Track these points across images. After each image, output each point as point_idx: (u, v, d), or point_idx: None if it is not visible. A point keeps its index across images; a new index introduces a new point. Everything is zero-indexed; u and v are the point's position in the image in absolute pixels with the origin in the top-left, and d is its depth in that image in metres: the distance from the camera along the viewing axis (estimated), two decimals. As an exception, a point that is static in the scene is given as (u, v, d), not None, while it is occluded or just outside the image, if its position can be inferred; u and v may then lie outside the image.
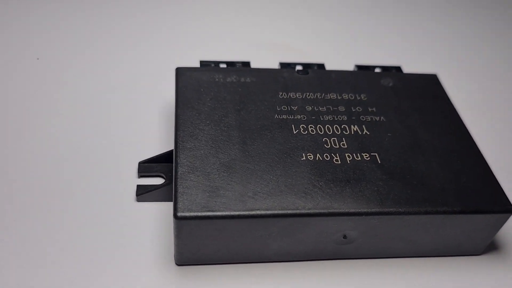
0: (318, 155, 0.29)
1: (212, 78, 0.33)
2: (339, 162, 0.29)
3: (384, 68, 0.37)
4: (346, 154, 0.29)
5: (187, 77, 0.33)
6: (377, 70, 0.37)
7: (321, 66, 0.36)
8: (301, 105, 0.32)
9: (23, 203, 0.30)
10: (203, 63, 0.35)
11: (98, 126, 0.35)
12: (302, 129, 0.30)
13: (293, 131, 0.30)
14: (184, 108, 0.30)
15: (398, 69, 0.37)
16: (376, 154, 0.29)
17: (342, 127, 0.31)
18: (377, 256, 0.29)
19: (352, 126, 0.31)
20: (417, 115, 0.32)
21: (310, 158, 0.29)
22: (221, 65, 0.35)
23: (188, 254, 0.27)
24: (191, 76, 0.33)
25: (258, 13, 0.50)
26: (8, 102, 0.36)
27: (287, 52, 0.45)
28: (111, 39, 0.44)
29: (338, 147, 0.29)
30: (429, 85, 0.35)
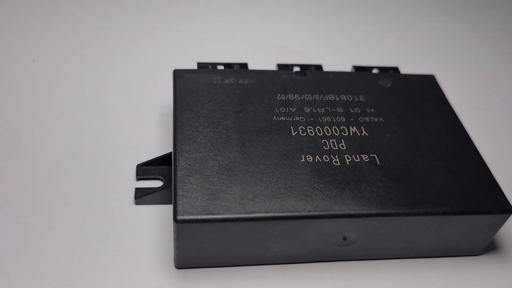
0: (317, 157, 0.29)
1: (210, 80, 0.33)
2: (339, 164, 0.29)
3: (382, 69, 0.37)
4: (345, 156, 0.29)
5: (185, 79, 0.32)
6: (375, 71, 0.37)
7: (319, 67, 0.36)
8: (299, 107, 0.32)
9: (20, 206, 0.30)
10: (200, 65, 0.35)
11: (95, 128, 0.35)
12: (301, 130, 0.30)
13: (291, 133, 0.30)
14: (182, 110, 0.30)
15: (395, 69, 0.37)
16: (375, 155, 0.29)
17: (341, 128, 0.31)
18: (377, 258, 0.29)
19: (351, 128, 0.31)
20: (416, 116, 0.32)
21: (309, 160, 0.28)
22: (219, 66, 0.35)
23: (188, 257, 0.27)
24: (189, 78, 0.33)
25: (254, 14, 0.50)
26: (4, 105, 0.36)
27: (284, 53, 0.45)
28: (107, 41, 0.44)
29: (337, 148, 0.29)
30: (427, 86, 0.35)
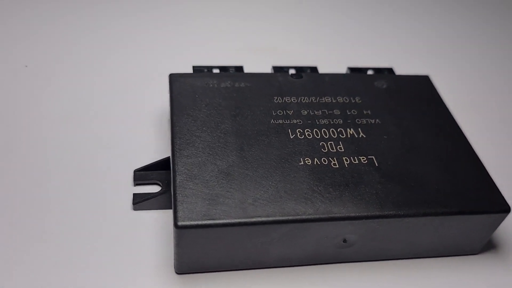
0: (315, 159, 0.29)
1: (206, 84, 0.33)
2: (337, 166, 0.29)
3: (377, 70, 0.37)
4: (344, 158, 0.29)
5: (181, 83, 0.32)
6: (370, 72, 0.37)
7: (314, 69, 0.36)
8: (296, 110, 0.32)
9: (16, 214, 0.29)
10: (196, 68, 0.35)
11: (91, 134, 0.35)
12: (298, 133, 0.30)
13: (289, 136, 0.30)
14: (179, 115, 0.30)
15: (390, 70, 0.37)
16: (373, 157, 0.29)
17: (338, 130, 0.31)
18: (377, 259, 0.30)
19: (348, 130, 0.31)
20: (412, 116, 0.32)
21: (308, 163, 0.29)
22: (214, 70, 0.35)
23: (189, 263, 0.27)
24: (185, 82, 0.32)
25: (247, 16, 0.50)
26: (-3, 112, 0.36)
27: (278, 55, 0.45)
28: (100, 45, 0.43)
29: (335, 151, 0.29)
30: (422, 86, 0.35)
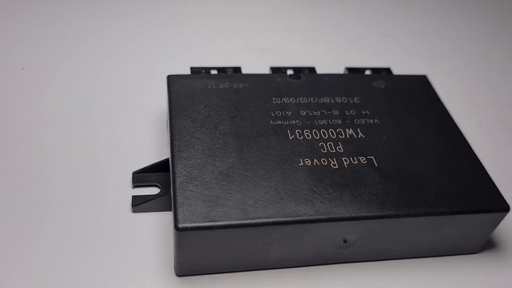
0: (315, 160, 0.29)
1: (204, 85, 0.32)
2: (337, 167, 0.29)
3: (374, 70, 0.37)
4: (343, 158, 0.29)
5: (179, 84, 0.32)
6: (368, 72, 0.37)
7: (312, 69, 0.36)
8: (295, 110, 0.32)
9: (15, 218, 0.29)
10: (193, 69, 0.35)
11: (88, 136, 0.35)
12: (297, 134, 0.30)
13: (289, 137, 0.30)
14: (178, 116, 0.30)
15: (388, 70, 0.37)
16: (372, 157, 0.29)
17: (337, 131, 0.31)
18: (377, 259, 0.30)
19: (347, 130, 0.31)
20: (410, 116, 0.32)
21: (307, 164, 0.29)
22: (212, 71, 0.35)
23: (189, 265, 0.27)
24: (183, 84, 0.32)
25: (244, 17, 0.50)
26: (-6, 114, 0.36)
27: (276, 55, 0.45)
28: (97, 46, 0.43)
29: (334, 151, 0.29)
30: (420, 86, 0.35)
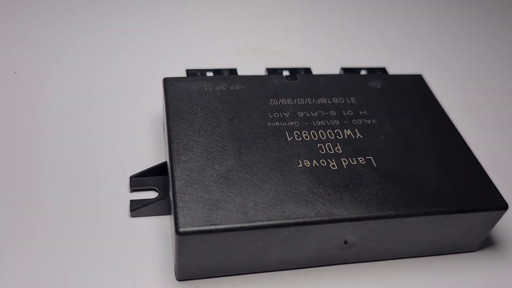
0: (314, 161, 0.29)
1: (201, 87, 0.32)
2: (336, 168, 0.29)
3: (370, 70, 0.37)
4: (342, 159, 0.29)
5: (175, 87, 0.32)
6: (363, 72, 0.37)
7: (308, 70, 0.36)
8: (292, 111, 0.32)
9: (12, 225, 0.29)
10: (189, 72, 0.34)
11: (84, 141, 0.34)
12: (296, 135, 0.30)
13: (287, 138, 0.30)
14: (176, 120, 0.30)
15: (383, 70, 0.37)
16: (371, 157, 0.29)
17: (335, 131, 0.31)
18: (377, 259, 0.30)
19: (345, 130, 0.31)
20: (407, 116, 0.33)
21: (306, 165, 0.28)
22: (208, 73, 0.34)
23: (190, 269, 0.27)
24: (179, 86, 0.32)
25: (239, 18, 0.50)
26: (-13, 120, 0.35)
27: (271, 57, 0.45)
28: (91, 50, 0.43)
29: (333, 152, 0.29)
30: (416, 85, 0.35)
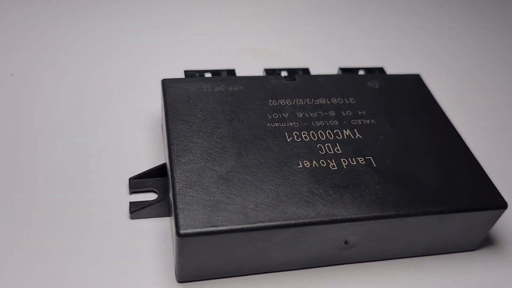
0: (314, 162, 0.29)
1: (199, 88, 0.32)
2: (336, 168, 0.29)
3: (368, 70, 0.37)
4: (342, 159, 0.29)
5: (174, 88, 0.32)
6: (361, 72, 0.37)
7: (306, 70, 0.36)
8: (292, 112, 0.32)
9: (11, 228, 0.29)
10: (187, 73, 0.34)
11: (82, 143, 0.34)
12: (295, 136, 0.30)
13: (287, 139, 0.30)
14: (175, 121, 0.30)
15: (381, 70, 0.37)
16: (370, 157, 0.30)
17: (335, 132, 0.31)
18: (377, 259, 0.30)
19: (344, 131, 0.31)
20: (406, 116, 0.33)
21: (306, 166, 0.28)
22: (206, 74, 0.34)
23: (191, 271, 0.27)
24: (178, 88, 0.32)
25: (236, 19, 0.50)
26: (-16, 122, 0.35)
27: (268, 57, 0.44)
28: (87, 52, 0.42)
29: (333, 152, 0.29)
30: (414, 85, 0.35)
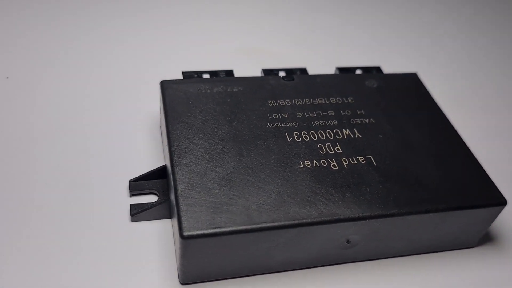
0: (315, 161, 0.29)
1: (198, 89, 0.32)
2: (337, 168, 0.29)
3: (365, 69, 0.37)
4: (342, 159, 0.29)
5: (173, 90, 0.32)
6: (358, 72, 0.37)
7: (304, 70, 0.36)
8: (291, 112, 0.32)
9: (12, 228, 0.28)
10: (185, 74, 0.34)
11: (81, 146, 0.34)
12: (295, 136, 0.30)
13: (287, 139, 0.30)
14: (175, 123, 0.30)
15: (378, 69, 0.37)
16: (371, 156, 0.30)
17: (334, 131, 0.31)
18: (378, 257, 0.30)
19: (344, 130, 0.31)
20: (404, 115, 0.33)
21: (307, 166, 0.29)
22: (204, 75, 0.34)
23: (194, 272, 0.27)
24: (177, 89, 0.32)
25: (233, 19, 0.50)
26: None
27: (266, 57, 0.44)
28: (85, 52, 0.42)
29: (333, 152, 0.30)
30: (411, 84, 0.36)
